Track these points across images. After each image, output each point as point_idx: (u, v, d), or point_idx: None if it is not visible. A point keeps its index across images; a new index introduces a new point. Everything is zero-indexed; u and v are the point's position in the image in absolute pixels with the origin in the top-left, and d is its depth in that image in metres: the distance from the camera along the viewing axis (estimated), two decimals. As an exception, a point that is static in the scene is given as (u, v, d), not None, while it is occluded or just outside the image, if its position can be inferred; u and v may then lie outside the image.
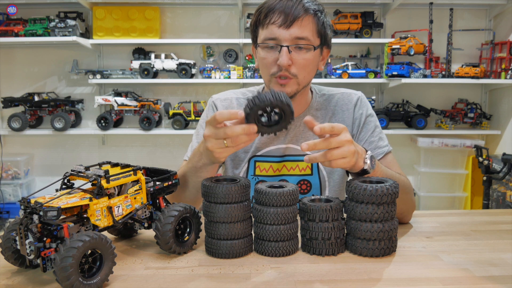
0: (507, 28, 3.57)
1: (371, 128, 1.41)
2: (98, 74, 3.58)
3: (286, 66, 1.23)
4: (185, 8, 3.77)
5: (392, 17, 3.75)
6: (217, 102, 1.47)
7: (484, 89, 3.84)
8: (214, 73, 3.59)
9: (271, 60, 1.26)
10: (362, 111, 1.42)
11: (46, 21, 3.46)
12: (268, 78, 1.30)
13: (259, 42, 1.28)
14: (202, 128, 1.45)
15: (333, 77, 3.55)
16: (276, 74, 1.26)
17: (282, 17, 1.21)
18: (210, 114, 1.47)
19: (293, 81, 1.27)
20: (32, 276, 0.90)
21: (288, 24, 1.21)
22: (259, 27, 1.28)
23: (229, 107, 1.45)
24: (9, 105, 3.55)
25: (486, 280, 0.87)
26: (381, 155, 1.37)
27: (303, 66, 1.26)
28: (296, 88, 1.29)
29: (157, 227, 0.96)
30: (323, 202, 1.00)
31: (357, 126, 1.42)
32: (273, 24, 1.22)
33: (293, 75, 1.26)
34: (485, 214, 1.41)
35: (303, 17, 1.22)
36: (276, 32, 1.22)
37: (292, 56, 1.23)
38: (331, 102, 1.44)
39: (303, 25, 1.22)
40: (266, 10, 1.24)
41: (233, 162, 1.45)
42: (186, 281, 0.87)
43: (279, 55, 1.23)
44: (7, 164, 3.70)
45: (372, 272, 0.91)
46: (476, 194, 3.69)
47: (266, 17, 1.24)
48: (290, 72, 1.25)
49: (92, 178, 0.89)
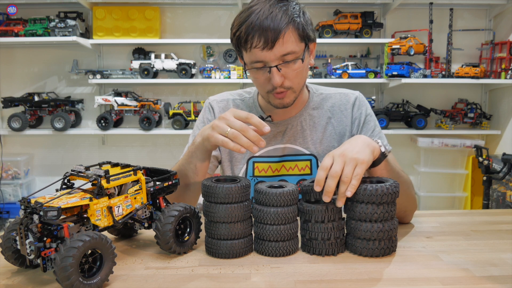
0: (507, 28, 3.57)
1: (371, 128, 1.41)
2: (98, 74, 3.58)
3: (279, 84, 1.23)
4: (185, 8, 3.77)
5: (392, 17, 3.75)
6: (214, 103, 1.47)
7: (484, 89, 3.84)
8: (214, 73, 3.59)
9: (263, 79, 1.26)
10: (361, 111, 1.42)
11: (46, 21, 3.46)
12: (265, 94, 1.30)
13: (247, 65, 1.27)
14: (199, 129, 1.45)
15: (333, 77, 3.55)
16: (272, 91, 1.27)
17: (262, 39, 1.17)
18: (207, 116, 1.47)
19: (289, 92, 1.28)
20: (32, 276, 0.90)
21: (271, 46, 1.17)
22: (241, 49, 1.26)
23: (226, 108, 1.45)
24: (9, 105, 3.55)
25: (486, 280, 0.87)
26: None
27: (295, 77, 1.26)
28: (294, 96, 1.30)
29: (157, 227, 0.96)
30: (320, 204, 0.99)
31: (356, 125, 1.41)
32: (255, 48, 1.19)
33: (288, 87, 1.26)
34: (485, 214, 1.41)
35: (283, 32, 1.17)
36: (261, 56, 1.20)
37: (283, 72, 1.23)
38: (328, 102, 1.44)
39: (285, 41, 1.18)
40: (245, 34, 1.19)
41: (231, 163, 1.45)
42: (186, 281, 0.87)
43: (270, 75, 1.23)
44: (7, 164, 3.70)
45: (372, 272, 0.91)
46: (476, 194, 3.69)
47: (247, 42, 1.20)
48: (284, 87, 1.25)
49: (92, 178, 0.89)
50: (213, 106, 1.47)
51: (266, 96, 1.31)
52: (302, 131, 1.41)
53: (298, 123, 1.41)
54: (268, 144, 1.41)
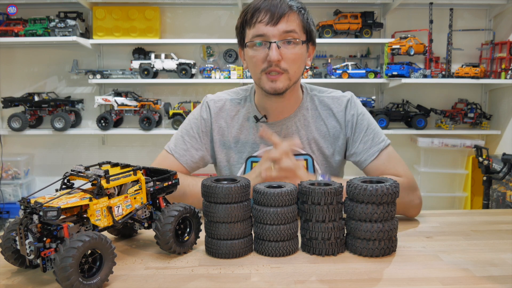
0: (507, 28, 3.57)
1: (364, 127, 1.42)
2: (98, 74, 3.58)
3: (276, 61, 1.26)
4: (185, 8, 3.77)
5: (392, 17, 3.75)
6: (211, 103, 1.48)
7: (484, 89, 3.84)
8: (214, 73, 3.59)
9: (261, 57, 1.29)
10: (353, 112, 1.43)
11: (46, 21, 3.46)
12: (258, 76, 1.32)
13: (247, 41, 1.31)
14: (190, 124, 1.46)
15: (333, 77, 3.55)
16: (266, 69, 1.29)
17: (268, 15, 1.25)
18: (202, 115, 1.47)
19: (284, 76, 1.29)
20: (32, 276, 0.90)
21: (275, 21, 1.25)
22: (245, 27, 1.32)
23: (222, 108, 1.46)
24: (9, 105, 3.55)
25: (486, 280, 0.87)
26: (376, 153, 1.38)
27: (292, 60, 1.29)
28: (287, 84, 1.31)
29: (157, 227, 0.96)
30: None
31: (350, 128, 1.43)
32: (260, 22, 1.26)
33: (283, 69, 1.28)
34: (485, 214, 1.41)
35: (289, 13, 1.27)
36: (264, 30, 1.26)
37: (282, 51, 1.27)
38: (322, 105, 1.45)
39: (290, 20, 1.27)
40: (252, 10, 1.29)
41: (228, 163, 1.45)
42: (186, 281, 0.87)
43: (268, 51, 1.26)
44: (7, 164, 3.70)
45: (372, 272, 0.91)
46: (476, 194, 3.69)
47: (253, 17, 1.28)
48: (280, 67, 1.28)
49: (92, 178, 0.89)
50: (209, 105, 1.48)
51: (259, 79, 1.33)
52: (298, 131, 1.42)
53: (292, 124, 1.42)
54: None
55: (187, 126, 1.47)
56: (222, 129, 1.45)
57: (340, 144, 1.43)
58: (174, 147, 1.43)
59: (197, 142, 1.44)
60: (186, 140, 1.44)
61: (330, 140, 1.43)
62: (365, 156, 1.40)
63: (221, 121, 1.45)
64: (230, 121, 1.45)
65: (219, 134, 1.45)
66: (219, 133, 1.45)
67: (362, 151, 1.40)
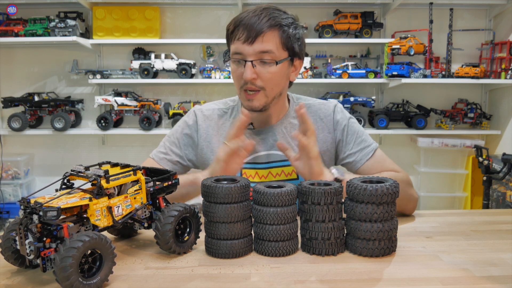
0: (507, 28, 3.56)
1: (356, 130, 1.45)
2: (98, 74, 3.58)
3: (249, 80, 1.28)
4: (185, 8, 3.77)
5: (392, 17, 3.75)
6: (198, 112, 1.50)
7: (484, 89, 3.84)
8: (214, 73, 3.59)
9: (239, 73, 1.31)
10: (342, 115, 1.46)
11: (46, 21, 3.46)
12: (238, 91, 1.35)
13: (230, 54, 1.33)
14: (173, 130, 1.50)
15: (333, 77, 3.55)
16: (244, 87, 1.31)
17: (245, 33, 1.26)
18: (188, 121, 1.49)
19: (260, 94, 1.31)
20: (32, 276, 0.90)
21: (251, 41, 1.26)
22: (229, 41, 1.34)
23: (210, 117, 1.49)
24: (9, 105, 3.54)
25: (486, 280, 0.87)
26: (371, 152, 1.42)
27: (269, 79, 1.30)
28: (264, 101, 1.33)
29: (157, 227, 0.96)
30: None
31: (340, 131, 1.45)
32: (238, 40, 1.28)
33: (259, 87, 1.30)
34: (485, 214, 1.41)
35: (265, 32, 1.26)
36: (241, 48, 1.28)
37: (257, 70, 1.28)
38: (309, 111, 1.45)
39: (265, 40, 1.27)
40: (233, 26, 1.30)
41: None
42: (186, 281, 0.87)
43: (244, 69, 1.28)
44: (7, 164, 3.69)
45: (372, 272, 0.91)
46: (476, 194, 3.69)
47: (233, 33, 1.30)
48: (256, 85, 1.30)
49: (92, 178, 0.89)
50: (197, 113, 1.50)
51: (239, 94, 1.36)
52: (285, 138, 1.44)
53: (279, 131, 1.44)
54: (254, 151, 1.43)
55: (170, 133, 1.51)
56: (209, 136, 1.47)
57: (329, 147, 1.45)
58: (155, 151, 1.49)
59: (176, 146, 1.48)
60: (166, 145, 1.49)
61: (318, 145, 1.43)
62: (360, 155, 1.42)
63: (208, 128, 1.47)
64: (218, 130, 1.47)
65: (206, 140, 1.46)
66: (206, 139, 1.47)
67: (356, 151, 1.43)
